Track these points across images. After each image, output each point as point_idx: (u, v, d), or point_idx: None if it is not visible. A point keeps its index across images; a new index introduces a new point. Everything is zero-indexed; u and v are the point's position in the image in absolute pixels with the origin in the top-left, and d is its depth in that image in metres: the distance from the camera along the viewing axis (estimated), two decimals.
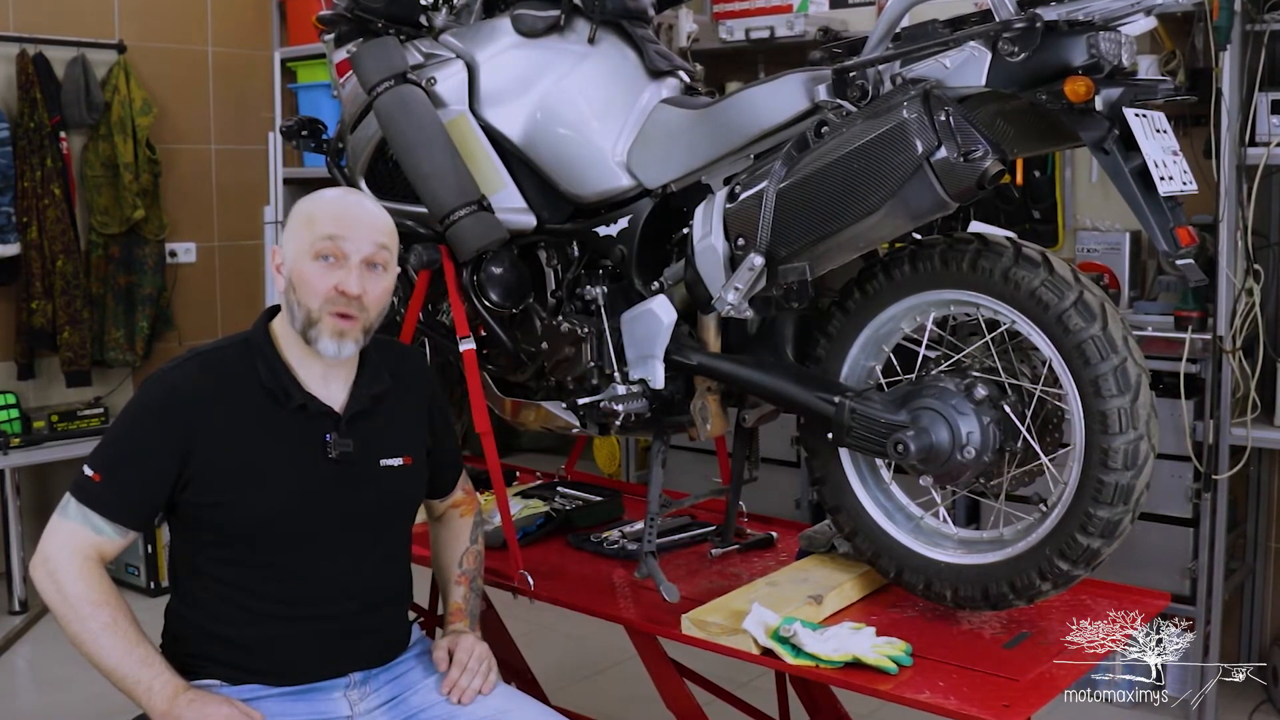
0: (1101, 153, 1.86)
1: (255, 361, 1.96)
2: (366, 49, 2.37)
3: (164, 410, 1.91)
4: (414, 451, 2.08)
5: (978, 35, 1.88)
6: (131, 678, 1.83)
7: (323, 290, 1.92)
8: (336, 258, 1.93)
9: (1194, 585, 3.41)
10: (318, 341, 1.93)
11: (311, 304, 1.92)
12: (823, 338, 2.15)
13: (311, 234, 1.93)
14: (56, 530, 1.90)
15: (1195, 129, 3.50)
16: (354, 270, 1.93)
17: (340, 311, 1.92)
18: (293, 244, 1.95)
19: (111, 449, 1.93)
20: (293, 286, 1.94)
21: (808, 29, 4.10)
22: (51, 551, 1.89)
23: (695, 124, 2.23)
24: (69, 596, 1.85)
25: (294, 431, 1.95)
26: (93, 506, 1.89)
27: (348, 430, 1.97)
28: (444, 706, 2.00)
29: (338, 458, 1.96)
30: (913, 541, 2.13)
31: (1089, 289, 1.91)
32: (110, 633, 1.84)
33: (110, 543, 1.91)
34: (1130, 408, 1.87)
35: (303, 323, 1.94)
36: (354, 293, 1.92)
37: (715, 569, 2.45)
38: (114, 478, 1.90)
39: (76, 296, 4.67)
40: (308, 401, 1.96)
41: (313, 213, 1.96)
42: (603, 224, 2.35)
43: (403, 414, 2.08)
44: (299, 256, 1.94)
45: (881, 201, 1.89)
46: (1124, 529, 1.92)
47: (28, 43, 4.59)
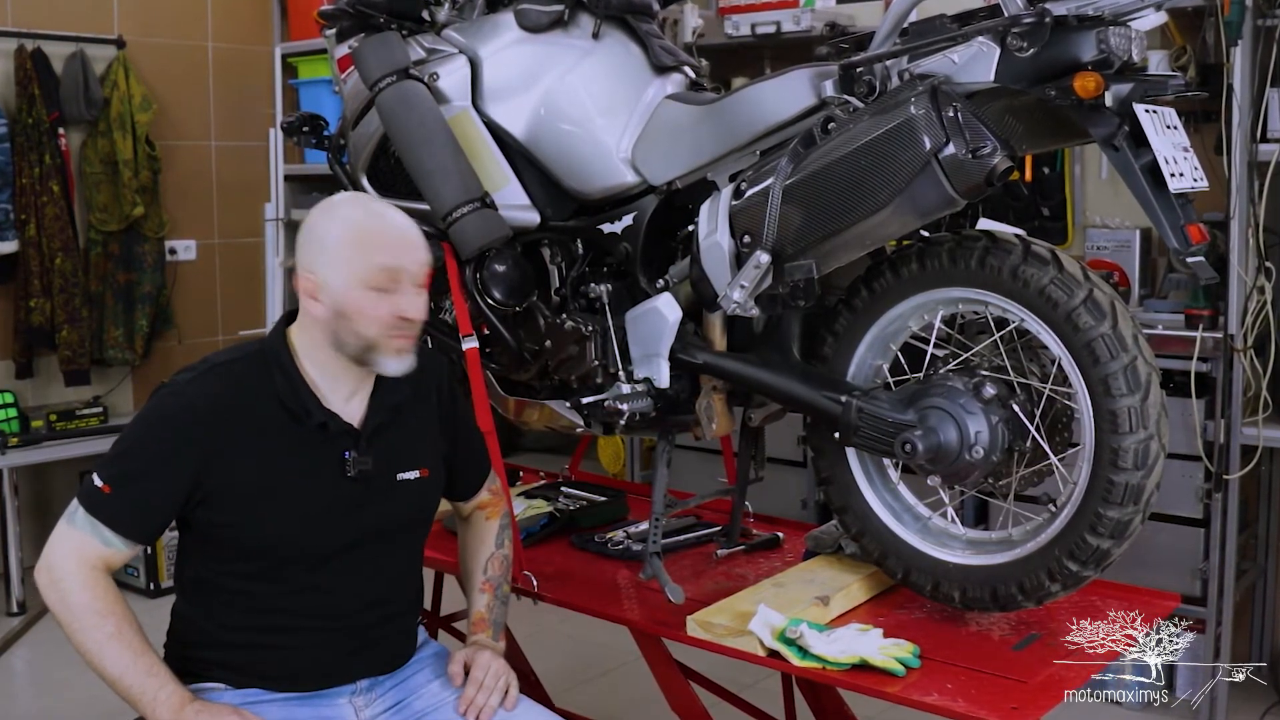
0: (1111, 149, 1.84)
1: (273, 375, 1.92)
2: (368, 44, 2.36)
3: (180, 426, 1.87)
4: (430, 462, 2.06)
5: (986, 30, 1.87)
6: (136, 688, 1.81)
7: (385, 319, 1.89)
8: (393, 287, 1.90)
9: (1204, 586, 3.39)
10: (380, 364, 1.91)
11: (370, 332, 1.89)
12: (829, 336, 2.14)
13: (366, 264, 1.87)
14: (63, 538, 1.87)
15: (1206, 125, 3.48)
16: (410, 294, 1.91)
17: (400, 334, 1.91)
18: (340, 272, 1.87)
19: (124, 461, 1.89)
20: (344, 315, 1.88)
21: (814, 24, 4.09)
22: (57, 560, 1.86)
23: (700, 120, 2.22)
24: (74, 606, 1.83)
25: (313, 450, 1.92)
26: (101, 519, 1.86)
27: (367, 447, 1.95)
28: (449, 709, 1.99)
29: (356, 476, 1.94)
30: (920, 542, 2.12)
31: (1099, 287, 1.90)
32: (115, 642, 1.82)
33: (118, 554, 1.88)
34: (1140, 407, 1.86)
35: (358, 349, 1.90)
36: (420, 319, 1.92)
37: (721, 570, 2.44)
38: (125, 491, 1.87)
39: (75, 295, 4.65)
40: (329, 420, 1.93)
41: (363, 240, 1.89)
42: (607, 221, 2.34)
43: (419, 424, 2.05)
44: (349, 286, 1.87)
45: (889, 198, 1.88)
46: (1134, 529, 1.91)
47: (26, 38, 4.57)
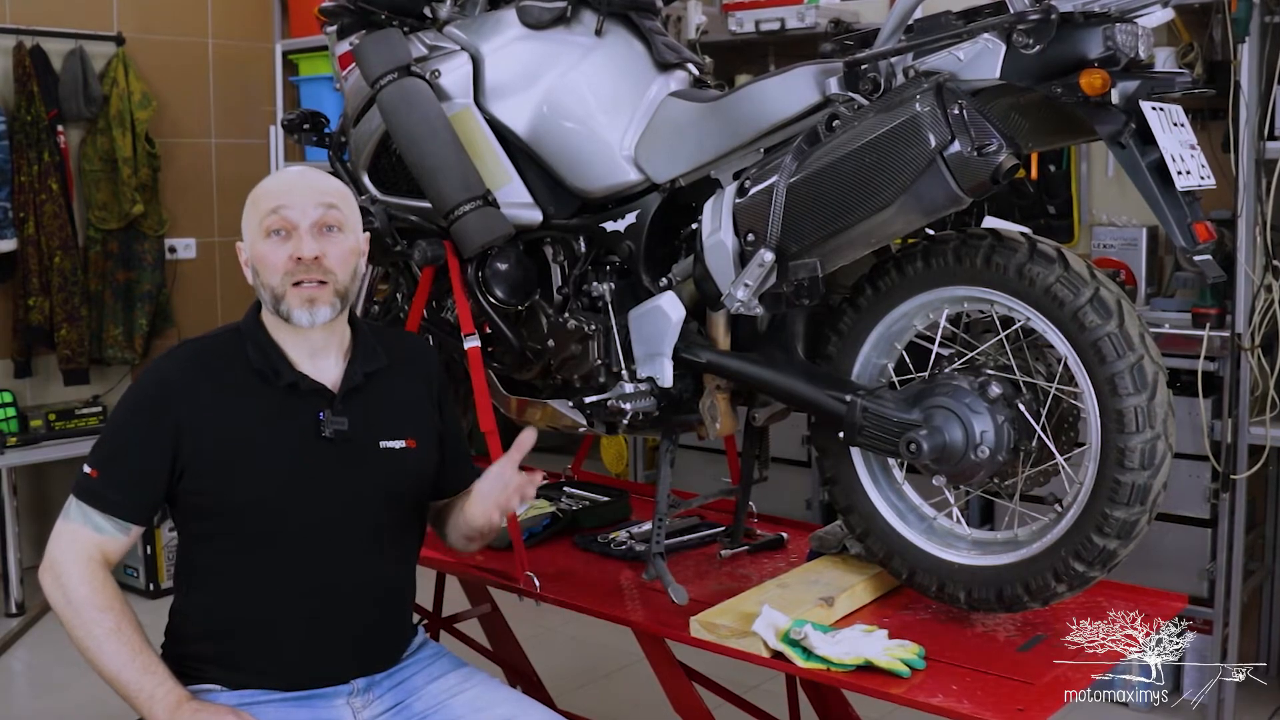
0: (1118, 147, 1.84)
1: (245, 346, 1.96)
2: (370, 41, 2.35)
3: (155, 400, 1.91)
4: (418, 435, 2.05)
5: (992, 27, 1.87)
6: (134, 685, 1.81)
7: (279, 264, 1.92)
8: (286, 230, 1.92)
9: (1212, 587, 3.38)
10: (290, 315, 1.93)
11: (273, 281, 1.93)
12: (834, 335, 2.13)
13: (258, 214, 1.95)
14: (60, 534, 1.90)
15: (1213, 123, 3.48)
16: (305, 235, 1.92)
17: (300, 279, 1.91)
18: (247, 230, 1.97)
19: (107, 444, 1.93)
20: (257, 272, 1.96)
21: (819, 21, 4.08)
22: (57, 555, 1.88)
23: (704, 117, 2.21)
24: (74, 601, 1.84)
25: (286, 410, 1.94)
26: (91, 503, 1.89)
27: (342, 409, 1.96)
28: (448, 711, 1.98)
29: (332, 435, 1.94)
30: (925, 543, 2.11)
31: (1105, 285, 1.89)
32: (114, 638, 1.82)
33: (113, 541, 1.89)
34: (1147, 406, 1.85)
35: (271, 303, 1.94)
36: (309, 255, 1.91)
37: (724, 570, 2.44)
38: (110, 472, 1.90)
39: (74, 293, 4.64)
40: (299, 380, 1.95)
41: (256, 195, 1.98)
42: (610, 219, 2.33)
43: (402, 394, 2.06)
44: (254, 241, 1.95)
45: (894, 196, 1.87)
46: (1141, 530, 1.90)
47: (24, 34, 4.56)
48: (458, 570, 2.59)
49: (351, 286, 1.99)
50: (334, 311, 1.95)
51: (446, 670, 2.06)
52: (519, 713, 2.01)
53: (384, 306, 2.75)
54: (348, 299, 1.98)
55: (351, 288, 1.99)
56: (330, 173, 2.29)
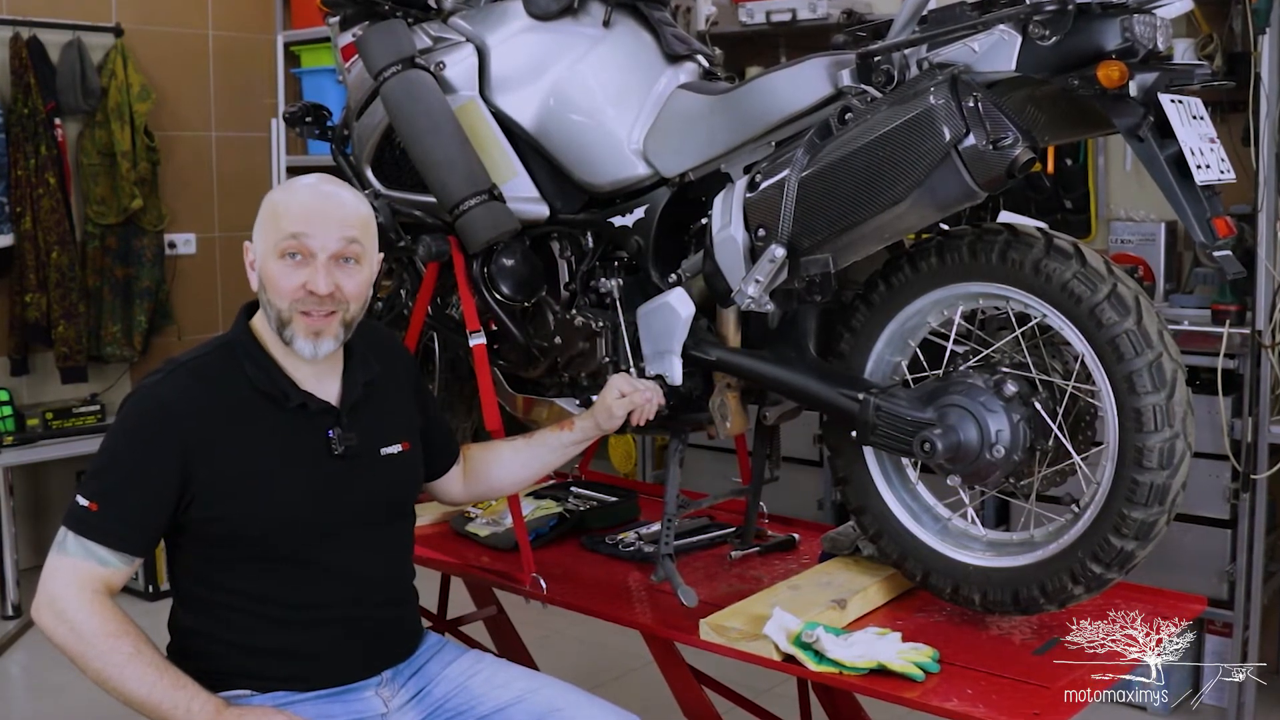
0: (1136, 140, 1.82)
1: (243, 364, 1.92)
2: (373, 32, 2.34)
3: (158, 427, 1.85)
4: (410, 436, 2.08)
5: (1008, 18, 1.85)
6: (167, 704, 1.78)
7: (289, 290, 1.88)
8: (304, 256, 1.88)
9: (1232, 589, 3.36)
10: (293, 342, 1.90)
11: (280, 304, 1.89)
12: (846, 332, 2.13)
13: (277, 231, 1.88)
14: (57, 569, 1.83)
15: (1233, 115, 3.46)
16: (321, 268, 1.88)
17: (308, 310, 1.88)
18: (261, 241, 1.91)
19: (106, 475, 1.86)
20: (263, 286, 1.91)
21: (831, 12, 4.07)
22: (57, 591, 1.81)
23: (714, 110, 2.19)
24: (84, 634, 1.79)
25: (295, 432, 1.92)
26: (93, 538, 1.82)
27: (349, 424, 1.96)
28: (468, 692, 2.01)
29: (344, 453, 1.94)
30: (940, 544, 2.10)
31: (1123, 281, 1.88)
32: (135, 662, 1.78)
33: (116, 573, 1.84)
34: (1166, 405, 1.84)
35: (276, 323, 1.91)
36: (322, 292, 1.88)
37: (735, 572, 2.43)
38: (112, 504, 1.83)
39: (72, 289, 4.61)
40: (307, 400, 1.93)
41: (278, 208, 1.91)
42: (618, 214, 2.32)
43: (393, 399, 2.07)
44: (266, 254, 1.89)
45: (908, 191, 1.86)
46: (1159, 530, 1.89)
47: (21, 25, 4.53)
48: (462, 572, 2.59)
49: (359, 316, 1.96)
50: (338, 342, 1.93)
51: (456, 655, 2.10)
52: (537, 685, 2.04)
53: (387, 303, 2.73)
54: (353, 326, 1.95)
55: (358, 317, 1.96)
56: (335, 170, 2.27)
